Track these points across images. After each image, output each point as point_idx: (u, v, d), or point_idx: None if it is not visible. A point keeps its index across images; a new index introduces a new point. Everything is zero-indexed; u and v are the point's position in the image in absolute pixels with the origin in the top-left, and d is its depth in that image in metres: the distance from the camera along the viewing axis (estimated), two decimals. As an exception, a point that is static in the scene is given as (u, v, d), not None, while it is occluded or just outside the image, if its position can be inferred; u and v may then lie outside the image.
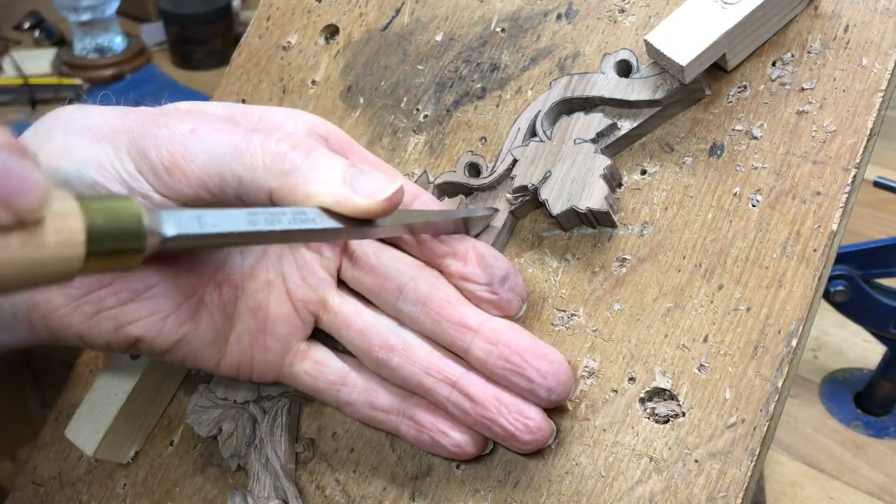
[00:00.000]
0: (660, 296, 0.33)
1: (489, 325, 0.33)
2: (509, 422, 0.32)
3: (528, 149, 0.36)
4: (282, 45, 0.47)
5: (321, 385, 0.35)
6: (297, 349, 0.36)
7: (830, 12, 0.34)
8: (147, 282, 0.33)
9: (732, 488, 0.30)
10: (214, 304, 0.34)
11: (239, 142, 0.30)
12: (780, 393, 0.30)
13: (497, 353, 0.32)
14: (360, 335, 0.34)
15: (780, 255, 0.32)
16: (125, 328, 0.33)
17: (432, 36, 0.42)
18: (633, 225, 0.35)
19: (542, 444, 0.33)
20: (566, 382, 0.32)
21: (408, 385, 0.34)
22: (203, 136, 0.30)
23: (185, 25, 1.19)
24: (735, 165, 0.34)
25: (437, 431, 0.34)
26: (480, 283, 0.33)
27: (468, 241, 0.34)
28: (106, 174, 0.30)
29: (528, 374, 0.32)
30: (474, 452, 0.34)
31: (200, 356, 0.35)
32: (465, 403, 0.33)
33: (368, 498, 0.36)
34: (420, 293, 0.34)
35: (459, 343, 0.33)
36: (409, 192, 0.35)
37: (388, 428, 0.35)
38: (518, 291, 0.34)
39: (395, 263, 0.34)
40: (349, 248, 0.35)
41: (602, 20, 0.38)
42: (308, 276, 0.35)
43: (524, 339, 0.33)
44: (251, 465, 0.38)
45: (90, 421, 0.40)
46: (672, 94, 0.34)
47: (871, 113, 0.32)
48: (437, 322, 0.33)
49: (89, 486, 0.44)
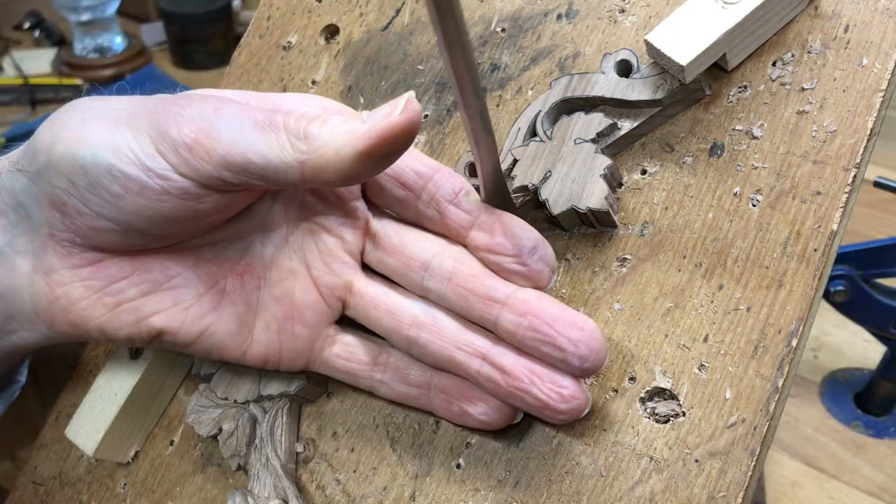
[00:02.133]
0: (660, 296, 0.33)
1: (516, 296, 0.32)
2: (543, 392, 0.31)
3: (529, 149, 0.36)
4: (282, 45, 0.47)
5: (354, 366, 0.35)
6: (325, 334, 0.36)
7: (830, 12, 0.34)
8: (168, 273, 0.33)
9: (733, 488, 0.30)
10: (237, 293, 0.34)
11: (263, 120, 0.30)
12: (780, 393, 0.30)
13: (526, 323, 0.31)
14: (389, 314, 0.34)
15: (781, 255, 0.32)
16: (147, 320, 0.33)
17: (432, 36, 0.42)
18: (633, 225, 0.35)
19: (577, 413, 0.32)
20: (599, 350, 0.31)
21: (438, 361, 0.34)
22: (227, 115, 0.30)
23: (185, 25, 1.19)
24: (735, 165, 0.34)
25: (465, 401, 0.34)
26: (508, 255, 0.32)
27: (494, 212, 0.33)
28: (122, 157, 0.30)
29: (559, 343, 0.31)
30: (502, 422, 0.33)
31: (225, 347, 0.34)
32: (496, 376, 0.32)
33: (369, 497, 0.36)
34: (445, 269, 0.33)
35: (487, 316, 0.32)
36: (430, 167, 0.34)
37: (421, 404, 0.35)
38: (548, 262, 0.33)
39: (418, 241, 0.34)
40: (371, 230, 0.35)
41: (602, 20, 0.38)
42: (332, 261, 0.35)
43: (553, 307, 0.31)
44: (251, 465, 0.38)
45: (90, 421, 0.40)
46: (672, 94, 0.34)
47: (871, 113, 0.32)
48: (463, 297, 0.33)
49: (89, 486, 0.44)
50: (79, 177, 0.30)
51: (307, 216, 0.35)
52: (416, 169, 0.34)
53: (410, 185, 0.34)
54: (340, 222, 0.35)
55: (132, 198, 0.30)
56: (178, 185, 0.30)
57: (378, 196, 0.35)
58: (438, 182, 0.33)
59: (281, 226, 0.36)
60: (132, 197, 0.30)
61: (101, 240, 0.32)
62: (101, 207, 0.31)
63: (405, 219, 0.35)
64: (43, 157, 0.31)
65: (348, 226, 0.35)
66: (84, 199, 0.31)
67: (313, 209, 0.35)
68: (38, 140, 0.32)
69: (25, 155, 0.32)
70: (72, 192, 0.31)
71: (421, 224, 0.35)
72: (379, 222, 0.35)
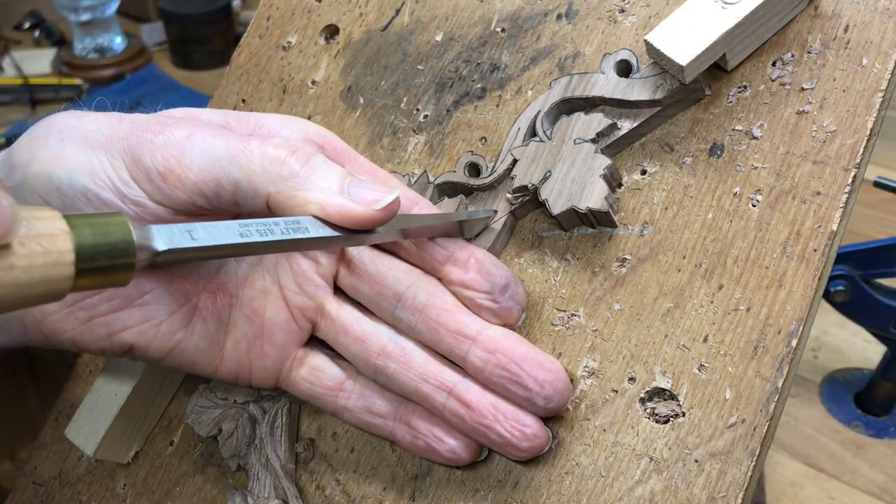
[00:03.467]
0: (660, 296, 0.33)
1: (487, 333, 0.33)
2: (506, 429, 0.32)
3: (529, 149, 0.36)
4: (282, 45, 0.47)
5: (318, 391, 0.35)
6: (294, 355, 0.36)
7: (830, 12, 0.34)
8: (140, 289, 0.33)
9: (732, 488, 0.30)
10: (209, 311, 0.34)
11: (236, 147, 0.30)
12: (780, 393, 0.30)
13: (494, 361, 0.32)
14: (358, 342, 0.34)
15: (781, 255, 0.32)
16: (118, 335, 0.33)
17: (432, 36, 0.42)
18: (633, 225, 0.35)
19: (538, 451, 0.32)
20: (564, 391, 0.32)
21: (404, 392, 0.34)
22: (199, 141, 0.30)
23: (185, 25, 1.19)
24: (735, 165, 0.34)
25: (432, 437, 0.34)
26: (481, 291, 0.33)
27: (468, 247, 0.34)
28: (98, 181, 0.30)
29: (525, 383, 0.32)
30: (469, 459, 0.34)
31: (196, 363, 0.35)
32: (461, 410, 0.33)
33: (368, 498, 0.36)
34: (418, 301, 0.34)
35: (457, 351, 0.33)
36: (409, 199, 0.35)
37: (385, 434, 0.35)
38: (518, 300, 0.34)
39: (393, 271, 0.34)
40: (346, 255, 0.35)
41: (602, 20, 0.38)
42: (304, 283, 0.35)
43: (522, 347, 0.32)
44: (251, 465, 0.38)
45: (90, 421, 0.40)
46: (672, 94, 0.34)
47: (871, 113, 0.32)
48: (434, 330, 0.33)
49: (89, 486, 0.44)
50: (54, 197, 0.30)
51: None
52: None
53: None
54: None
55: None
56: (152, 212, 0.31)
57: None
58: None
59: None
60: None
61: None
62: None
63: (382, 247, 0.35)
64: (20, 173, 0.31)
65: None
66: None
67: None
68: (15, 154, 0.31)
69: (2, 166, 0.32)
70: None
71: (396, 254, 0.35)
72: (356, 249, 0.35)
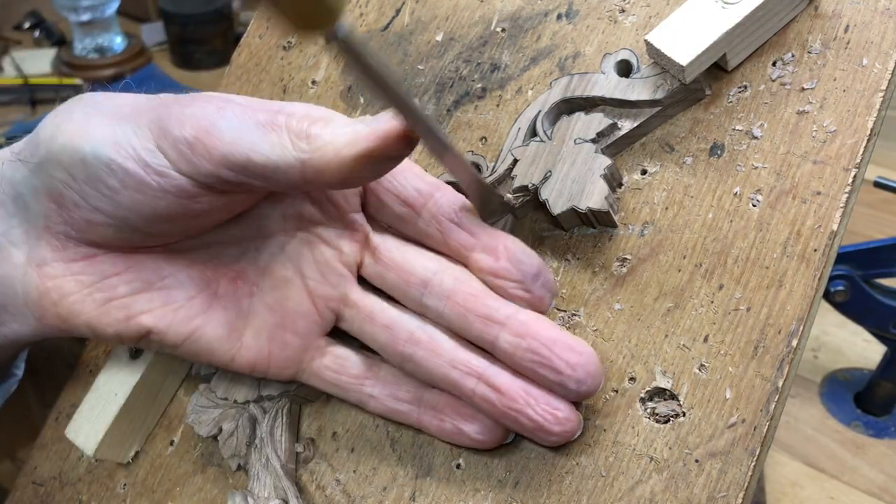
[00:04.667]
0: (660, 296, 0.33)
1: (516, 317, 0.32)
2: (538, 412, 0.31)
3: (529, 149, 0.36)
4: (282, 45, 0.47)
5: (343, 380, 0.35)
6: (316, 345, 0.36)
7: (831, 12, 0.34)
8: (160, 272, 0.33)
9: (733, 488, 0.30)
10: (229, 298, 0.34)
11: (265, 120, 0.30)
12: (780, 393, 0.30)
13: (525, 345, 0.31)
14: (385, 329, 0.34)
15: (781, 255, 0.32)
16: (136, 318, 0.33)
17: (432, 36, 0.42)
18: (633, 225, 0.35)
19: (570, 436, 0.32)
20: (596, 374, 0.31)
21: (433, 379, 0.34)
22: (230, 114, 0.30)
23: (185, 25, 1.19)
24: (735, 165, 0.34)
25: (459, 420, 0.33)
26: (513, 280, 0.33)
27: (497, 234, 0.34)
28: (122, 151, 0.30)
29: (556, 366, 0.31)
30: (496, 442, 0.33)
31: (213, 351, 0.34)
32: (491, 395, 0.32)
33: (369, 498, 0.36)
34: (445, 287, 0.33)
35: (486, 336, 0.32)
36: (431, 184, 0.34)
37: (411, 420, 0.35)
38: (550, 287, 0.34)
39: (419, 259, 0.34)
40: (371, 244, 0.35)
41: (602, 20, 0.38)
42: (327, 273, 0.35)
43: (552, 330, 0.32)
44: (251, 465, 0.38)
45: (90, 421, 0.40)
46: (672, 94, 0.34)
47: (871, 113, 0.32)
48: (462, 316, 0.33)
49: (89, 486, 0.44)
50: (78, 169, 0.30)
51: (305, 226, 0.35)
52: (417, 186, 0.34)
53: (411, 203, 0.34)
54: (339, 234, 0.35)
55: (129, 193, 0.30)
56: (176, 183, 0.30)
57: (379, 212, 0.35)
58: (439, 200, 0.34)
59: (278, 234, 0.35)
60: (129, 192, 0.30)
61: (96, 234, 0.32)
62: (98, 201, 0.31)
63: (405, 235, 0.35)
64: (44, 148, 0.31)
65: (347, 238, 0.35)
66: (81, 191, 0.31)
67: (312, 219, 0.35)
68: (41, 131, 0.32)
69: (28, 146, 0.32)
70: (70, 185, 0.31)
71: (421, 241, 0.35)
72: (380, 237, 0.35)
